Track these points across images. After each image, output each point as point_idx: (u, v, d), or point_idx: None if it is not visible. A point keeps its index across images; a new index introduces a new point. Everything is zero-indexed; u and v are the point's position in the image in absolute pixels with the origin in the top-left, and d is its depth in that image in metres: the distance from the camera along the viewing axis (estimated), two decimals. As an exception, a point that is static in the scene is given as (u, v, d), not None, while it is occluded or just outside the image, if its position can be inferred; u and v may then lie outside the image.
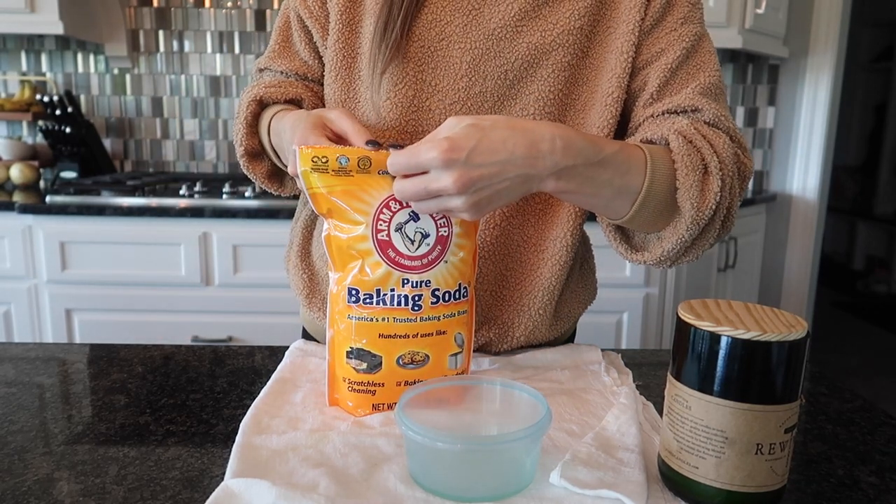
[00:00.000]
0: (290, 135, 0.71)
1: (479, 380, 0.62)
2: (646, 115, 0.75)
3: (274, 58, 0.86)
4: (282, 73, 0.85)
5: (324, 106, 0.84)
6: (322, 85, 0.85)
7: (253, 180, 0.85)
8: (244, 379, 0.77)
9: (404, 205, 0.63)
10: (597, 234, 1.00)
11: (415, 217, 0.63)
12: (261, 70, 0.89)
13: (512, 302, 0.83)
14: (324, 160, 0.62)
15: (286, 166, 0.79)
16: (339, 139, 0.68)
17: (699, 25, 0.77)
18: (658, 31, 0.76)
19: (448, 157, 0.55)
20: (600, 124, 0.76)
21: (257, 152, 0.83)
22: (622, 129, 0.80)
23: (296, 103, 0.83)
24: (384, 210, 0.63)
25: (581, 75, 0.78)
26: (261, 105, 0.81)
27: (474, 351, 0.82)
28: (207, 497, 0.50)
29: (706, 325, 0.50)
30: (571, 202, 0.71)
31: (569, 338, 0.94)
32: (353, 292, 0.64)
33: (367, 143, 0.64)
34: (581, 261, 0.91)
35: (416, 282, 0.64)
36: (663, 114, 0.74)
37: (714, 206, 0.65)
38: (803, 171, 2.70)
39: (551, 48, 0.76)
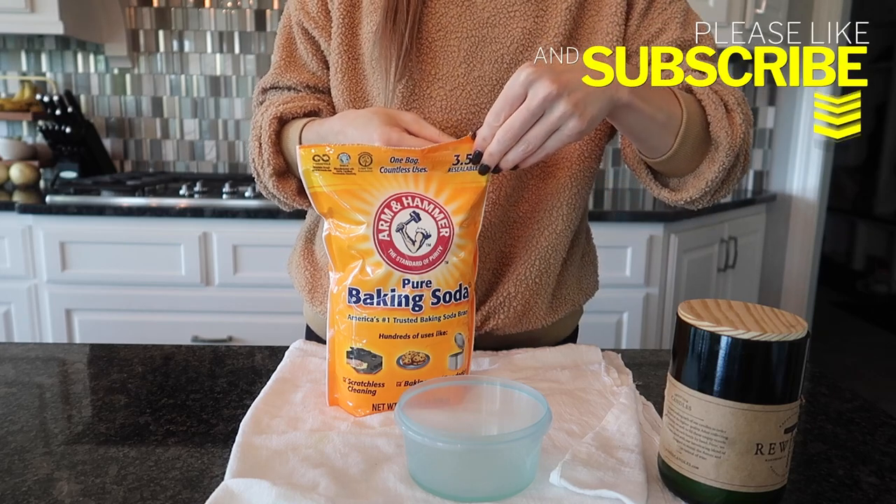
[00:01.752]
0: (351, 133, 0.69)
1: (479, 380, 0.62)
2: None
3: (281, 73, 0.84)
4: (290, 88, 0.84)
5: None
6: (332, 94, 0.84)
7: (281, 200, 0.82)
8: (244, 379, 0.77)
9: (406, 205, 0.63)
10: (598, 234, 1.00)
11: (416, 217, 0.63)
12: (265, 90, 0.86)
13: (511, 273, 0.85)
14: (325, 158, 0.62)
15: None
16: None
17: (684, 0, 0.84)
18: (652, 12, 0.82)
19: (537, 68, 0.60)
20: None
21: (283, 171, 0.81)
22: None
23: (314, 115, 0.81)
24: (385, 210, 0.63)
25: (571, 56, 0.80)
26: (281, 123, 0.79)
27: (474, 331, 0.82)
28: (207, 497, 0.50)
29: (706, 325, 0.50)
30: (631, 129, 0.72)
31: (570, 337, 0.95)
32: (354, 292, 0.64)
33: (471, 134, 0.65)
34: (583, 251, 0.93)
35: (417, 282, 0.64)
36: None
37: (742, 136, 0.72)
38: (803, 171, 2.70)
39: (543, 32, 0.79)
